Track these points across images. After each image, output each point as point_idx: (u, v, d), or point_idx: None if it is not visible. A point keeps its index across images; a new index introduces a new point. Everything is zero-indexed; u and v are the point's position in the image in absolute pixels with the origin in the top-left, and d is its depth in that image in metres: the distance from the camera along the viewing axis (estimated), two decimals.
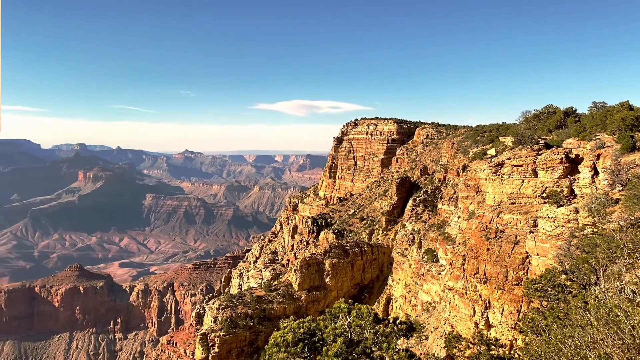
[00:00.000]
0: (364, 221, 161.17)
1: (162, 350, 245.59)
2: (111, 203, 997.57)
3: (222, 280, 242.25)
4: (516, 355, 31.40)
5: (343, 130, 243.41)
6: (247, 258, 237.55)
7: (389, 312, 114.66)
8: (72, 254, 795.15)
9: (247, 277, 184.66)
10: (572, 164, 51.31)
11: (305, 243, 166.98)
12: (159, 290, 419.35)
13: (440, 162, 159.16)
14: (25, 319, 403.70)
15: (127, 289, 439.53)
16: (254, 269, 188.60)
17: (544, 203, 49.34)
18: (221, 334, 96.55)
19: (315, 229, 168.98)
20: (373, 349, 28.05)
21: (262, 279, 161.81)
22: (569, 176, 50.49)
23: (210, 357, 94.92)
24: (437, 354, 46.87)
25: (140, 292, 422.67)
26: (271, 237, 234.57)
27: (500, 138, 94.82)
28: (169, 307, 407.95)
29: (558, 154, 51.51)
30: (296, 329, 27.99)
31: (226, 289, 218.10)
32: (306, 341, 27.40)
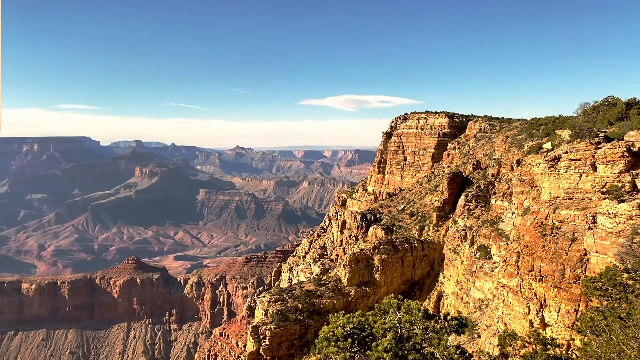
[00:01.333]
0: (414, 217, 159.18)
1: (214, 341, 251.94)
2: (166, 198, 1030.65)
3: (273, 274, 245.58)
4: (574, 356, 30.37)
5: (392, 124, 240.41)
6: (296, 252, 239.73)
7: (440, 309, 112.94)
8: (130, 247, 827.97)
9: (297, 272, 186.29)
10: (635, 158, 48.73)
11: (354, 238, 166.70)
12: (212, 282, 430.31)
13: (493, 157, 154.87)
14: (86, 308, 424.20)
15: (182, 282, 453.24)
16: (303, 264, 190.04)
17: (604, 198, 47.18)
18: (272, 327, 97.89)
19: (364, 225, 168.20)
20: (423, 344, 27.78)
21: (312, 273, 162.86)
22: (631, 170, 48.08)
23: (261, 350, 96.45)
24: (491, 352, 45.87)
25: (194, 285, 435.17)
26: (320, 232, 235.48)
27: (556, 131, 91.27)
28: (221, 300, 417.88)
29: (619, 147, 49.04)
30: (345, 323, 28.08)
31: (276, 283, 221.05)
32: (355, 336, 27.45)
